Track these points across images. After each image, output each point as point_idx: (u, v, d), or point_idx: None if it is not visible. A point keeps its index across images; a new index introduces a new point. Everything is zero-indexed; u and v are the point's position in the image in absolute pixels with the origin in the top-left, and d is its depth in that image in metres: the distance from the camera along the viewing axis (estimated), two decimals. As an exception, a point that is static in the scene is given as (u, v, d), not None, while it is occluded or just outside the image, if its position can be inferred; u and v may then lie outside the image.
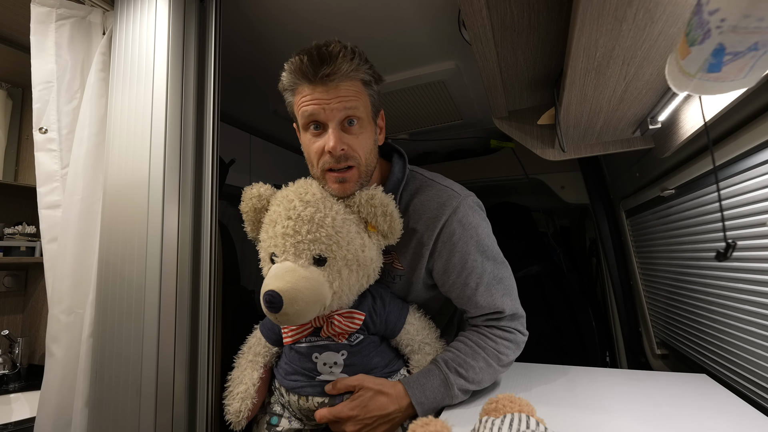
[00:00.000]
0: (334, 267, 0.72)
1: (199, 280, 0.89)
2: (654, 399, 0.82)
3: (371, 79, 0.77)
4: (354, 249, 0.74)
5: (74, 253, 0.94)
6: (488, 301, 0.82)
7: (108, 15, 1.03)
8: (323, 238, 0.71)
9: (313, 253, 0.71)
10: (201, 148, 0.93)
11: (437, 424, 0.62)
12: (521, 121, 1.19)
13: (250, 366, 0.86)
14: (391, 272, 0.86)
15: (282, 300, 0.66)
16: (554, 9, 0.70)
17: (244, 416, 0.82)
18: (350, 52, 0.72)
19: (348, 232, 0.73)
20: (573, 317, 1.94)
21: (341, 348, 0.79)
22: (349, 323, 0.78)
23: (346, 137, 0.73)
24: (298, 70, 0.71)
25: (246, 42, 1.29)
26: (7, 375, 1.44)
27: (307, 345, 0.80)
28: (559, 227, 2.75)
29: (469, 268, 0.80)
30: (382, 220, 0.75)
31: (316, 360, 0.78)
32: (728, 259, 0.63)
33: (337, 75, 0.70)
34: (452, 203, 0.81)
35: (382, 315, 0.82)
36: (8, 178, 1.54)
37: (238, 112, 1.86)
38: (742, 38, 0.36)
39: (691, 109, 0.86)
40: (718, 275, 1.00)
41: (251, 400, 0.83)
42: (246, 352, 0.88)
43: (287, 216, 0.73)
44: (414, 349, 0.83)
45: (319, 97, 0.71)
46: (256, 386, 0.84)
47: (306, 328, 0.80)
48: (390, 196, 0.77)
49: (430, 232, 0.80)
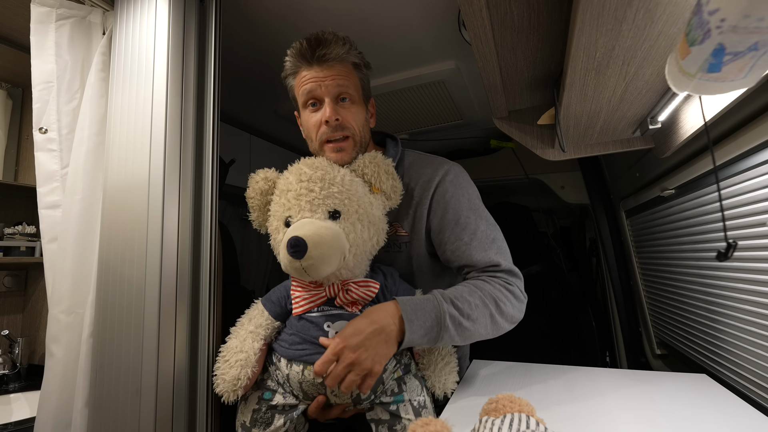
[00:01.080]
0: (348, 220, 0.76)
1: (199, 280, 0.89)
2: (654, 399, 0.82)
3: (360, 63, 0.88)
4: (364, 205, 0.79)
5: (74, 253, 0.94)
6: (482, 256, 0.84)
7: (108, 15, 1.03)
8: (336, 194, 0.76)
9: (327, 207, 0.75)
10: (201, 148, 0.93)
11: (437, 424, 0.62)
12: (521, 121, 1.19)
13: (250, 336, 0.81)
14: (396, 241, 0.90)
15: (306, 244, 0.68)
16: (554, 9, 0.70)
17: (242, 385, 0.77)
18: (342, 39, 0.84)
19: (357, 190, 0.79)
20: (573, 317, 1.94)
21: (353, 316, 0.77)
22: (366, 292, 0.78)
23: (340, 110, 0.83)
24: (298, 53, 0.83)
25: (246, 42, 1.29)
26: (7, 375, 1.44)
27: (320, 314, 0.78)
28: (559, 227, 2.75)
29: (463, 224, 0.85)
30: (385, 178, 0.82)
31: (329, 329, 0.76)
32: (729, 259, 0.63)
33: (330, 56, 0.81)
34: (444, 167, 0.91)
35: (393, 291, 0.84)
36: (8, 178, 1.54)
37: (238, 112, 1.86)
38: (742, 38, 0.36)
39: (691, 109, 0.86)
40: (718, 275, 1.00)
41: (251, 368, 0.78)
42: (246, 323, 0.84)
43: (299, 180, 0.77)
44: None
45: (316, 76, 0.82)
46: (257, 356, 0.80)
47: (320, 297, 0.79)
48: (390, 159, 0.85)
49: (426, 193, 0.87)
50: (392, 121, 1.94)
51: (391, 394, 0.78)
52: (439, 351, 0.84)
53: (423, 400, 0.79)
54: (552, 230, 2.68)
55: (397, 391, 0.78)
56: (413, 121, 1.94)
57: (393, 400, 0.77)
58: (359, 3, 1.13)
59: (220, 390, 0.78)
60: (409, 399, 0.78)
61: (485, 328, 0.79)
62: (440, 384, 0.81)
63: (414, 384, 0.80)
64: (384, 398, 0.78)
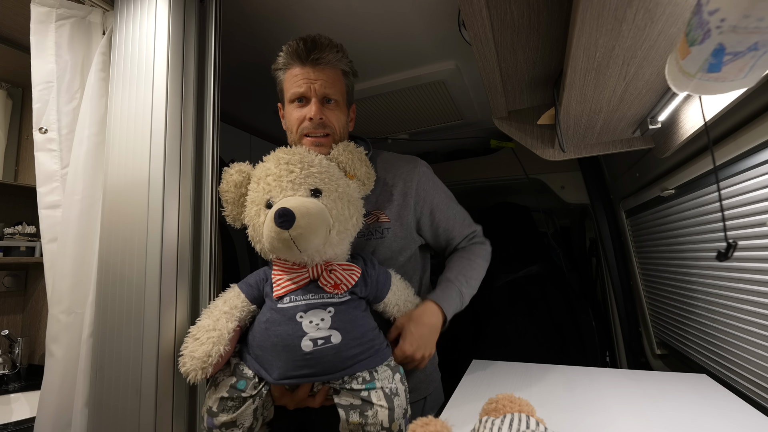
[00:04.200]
0: (329, 197, 0.79)
1: (198, 280, 0.89)
2: (654, 399, 0.82)
3: (349, 71, 0.94)
4: (342, 184, 0.82)
5: (74, 253, 0.94)
6: (466, 229, 1.05)
7: (108, 15, 1.03)
8: (315, 174, 0.79)
9: (309, 186, 0.78)
10: (201, 148, 0.93)
11: (437, 424, 0.62)
12: (521, 121, 1.19)
13: (224, 317, 0.77)
14: (378, 228, 0.96)
15: (294, 214, 0.70)
16: (554, 9, 0.70)
17: (212, 362, 0.73)
18: (336, 46, 0.90)
19: (334, 172, 0.83)
20: (573, 317, 1.94)
21: (328, 305, 0.77)
22: (350, 275, 0.80)
23: (324, 110, 0.89)
24: (294, 51, 0.88)
25: (246, 42, 1.29)
26: (7, 375, 1.44)
27: (292, 305, 0.76)
28: (559, 227, 2.75)
29: (446, 207, 1.03)
30: (359, 164, 0.87)
31: (301, 319, 0.75)
32: (729, 259, 0.63)
33: (323, 60, 0.87)
34: (419, 162, 1.02)
35: (373, 276, 0.86)
36: (8, 178, 1.54)
37: (238, 112, 1.86)
38: (742, 38, 0.36)
39: (691, 109, 0.86)
40: (718, 275, 1.00)
41: (224, 346, 0.74)
42: (220, 304, 0.80)
43: (278, 164, 0.80)
44: (401, 308, 0.90)
45: (307, 77, 0.88)
46: (230, 335, 0.76)
47: (302, 278, 0.78)
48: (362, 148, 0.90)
49: (410, 185, 0.97)
50: (392, 121, 1.94)
51: (363, 382, 0.76)
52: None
53: (395, 387, 0.78)
54: (552, 230, 2.68)
55: (369, 379, 0.77)
56: (413, 121, 1.94)
57: (364, 387, 0.76)
58: (359, 3, 1.13)
59: (186, 369, 0.74)
60: (381, 386, 0.76)
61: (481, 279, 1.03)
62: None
63: (386, 373, 0.79)
64: (354, 385, 0.75)
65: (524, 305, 1.98)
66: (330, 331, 0.75)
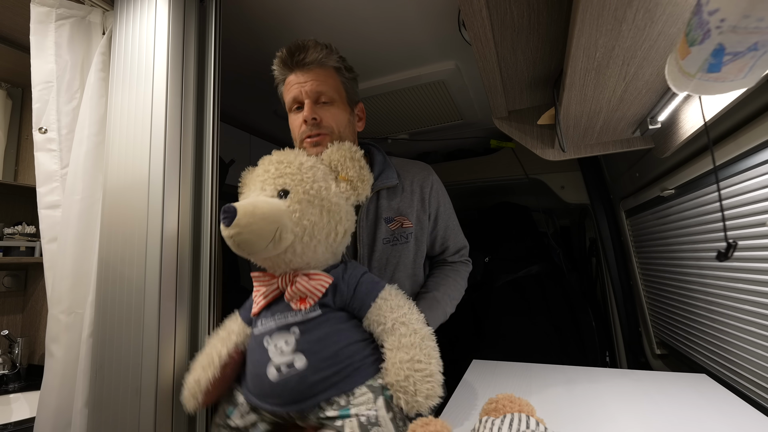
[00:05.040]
0: (295, 199, 0.72)
1: (199, 280, 0.89)
2: (654, 399, 0.82)
3: (341, 66, 0.92)
4: (318, 187, 0.75)
5: (74, 253, 0.94)
6: (459, 240, 1.07)
7: (108, 15, 1.03)
8: (288, 174, 0.75)
9: (277, 187, 0.74)
10: (201, 148, 0.93)
11: (437, 424, 0.62)
12: (521, 121, 1.19)
13: (220, 342, 0.77)
14: (403, 233, 0.95)
15: (236, 210, 0.66)
16: (554, 9, 0.70)
17: (202, 389, 0.72)
18: (321, 45, 0.89)
19: (314, 174, 0.76)
20: (573, 317, 1.94)
21: (291, 326, 0.70)
22: (315, 286, 0.71)
23: (319, 110, 0.88)
24: (281, 61, 0.89)
25: (246, 42, 1.29)
26: (7, 375, 1.44)
27: (261, 329, 0.73)
28: (559, 227, 2.75)
29: (450, 217, 1.06)
30: (351, 164, 0.81)
31: (267, 345, 0.70)
32: (729, 259, 0.63)
33: (308, 60, 0.87)
34: (430, 169, 1.05)
35: (351, 283, 0.74)
36: (8, 178, 1.54)
37: (238, 112, 1.86)
38: (741, 38, 0.36)
39: (691, 109, 0.86)
40: (718, 275, 1.00)
41: (213, 372, 0.72)
42: (220, 330, 0.81)
43: (262, 163, 0.79)
44: (386, 328, 0.71)
45: (298, 81, 0.88)
46: (223, 360, 0.74)
47: (272, 290, 0.74)
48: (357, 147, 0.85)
49: (426, 189, 0.99)
50: (392, 121, 1.94)
51: (337, 408, 0.66)
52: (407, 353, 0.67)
53: (374, 415, 0.65)
54: (552, 230, 2.67)
55: (344, 405, 0.66)
56: (413, 121, 1.94)
57: (338, 415, 0.66)
58: (359, 3, 1.13)
59: (182, 398, 0.75)
60: (356, 413, 0.65)
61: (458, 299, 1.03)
62: (407, 396, 0.64)
63: (365, 396, 0.67)
64: (330, 412, 0.67)
65: (524, 305, 1.98)
66: (293, 355, 0.68)
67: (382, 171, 0.95)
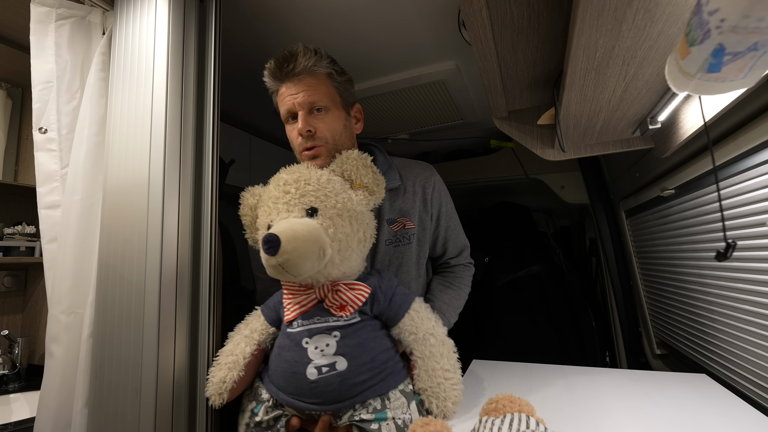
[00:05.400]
0: (325, 215, 0.75)
1: (199, 280, 0.89)
2: (654, 399, 0.82)
3: (332, 71, 0.90)
4: (342, 199, 0.78)
5: (74, 253, 0.93)
6: (461, 241, 1.07)
7: (108, 15, 1.03)
8: (311, 192, 0.76)
9: (303, 206, 0.75)
10: (201, 148, 0.93)
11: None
12: (521, 121, 1.19)
13: (244, 341, 0.81)
14: (405, 234, 0.96)
15: (279, 239, 0.67)
16: (554, 9, 0.70)
17: (227, 388, 0.76)
18: (311, 51, 0.86)
19: (333, 187, 0.78)
20: (573, 317, 1.94)
21: (333, 330, 0.74)
22: (356, 295, 0.76)
23: (313, 121, 0.87)
24: (270, 73, 0.88)
25: (246, 42, 1.29)
26: (7, 375, 1.44)
27: (299, 330, 0.76)
28: (559, 227, 2.75)
29: (452, 218, 1.05)
30: (364, 171, 0.83)
31: (306, 345, 0.74)
32: (728, 259, 0.63)
33: (298, 70, 0.85)
34: (433, 169, 1.04)
35: (388, 294, 0.80)
36: (8, 178, 1.54)
37: (238, 112, 1.85)
38: (741, 38, 0.36)
39: (691, 109, 0.86)
40: (718, 275, 1.00)
41: (238, 372, 0.77)
42: (242, 327, 0.84)
43: (276, 185, 0.79)
44: (418, 338, 0.79)
45: (289, 92, 0.87)
46: (247, 360, 0.79)
47: (310, 300, 0.77)
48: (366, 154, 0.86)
49: (428, 189, 0.99)
50: (392, 121, 1.94)
51: (373, 411, 0.71)
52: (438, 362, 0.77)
53: (409, 418, 0.72)
54: (552, 230, 2.67)
55: (380, 408, 0.72)
56: (413, 121, 1.93)
57: (375, 418, 0.71)
58: (359, 3, 1.13)
59: (208, 393, 0.79)
60: (392, 417, 0.71)
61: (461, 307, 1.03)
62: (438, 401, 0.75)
63: (400, 401, 0.73)
64: (364, 415, 0.71)
65: (524, 305, 1.98)
66: (335, 357, 0.72)
67: (384, 172, 0.94)
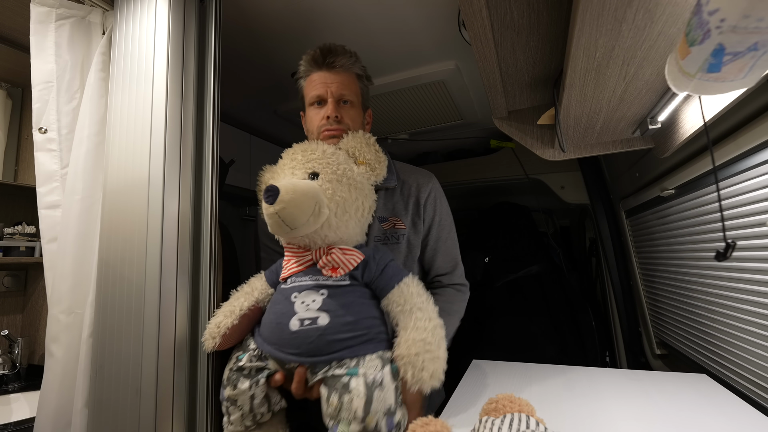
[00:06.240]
0: (326, 178, 0.80)
1: (199, 280, 0.89)
2: (654, 399, 0.82)
3: (363, 75, 1.01)
4: (344, 168, 0.83)
5: (74, 253, 0.94)
6: (454, 254, 1.05)
7: (108, 15, 1.03)
8: (315, 159, 0.82)
9: (307, 170, 0.81)
10: (201, 148, 0.93)
11: (437, 424, 0.62)
12: (521, 121, 1.19)
13: (243, 296, 0.85)
14: (395, 234, 0.98)
15: (278, 189, 0.71)
16: (554, 9, 0.70)
17: (221, 333, 0.79)
18: (350, 52, 0.98)
19: (337, 158, 0.84)
20: (573, 317, 1.94)
21: (321, 287, 0.78)
22: (348, 259, 0.79)
23: (340, 109, 0.96)
24: (312, 58, 0.96)
25: (246, 42, 1.29)
26: (7, 375, 1.44)
27: (290, 286, 0.80)
28: (559, 227, 2.75)
29: (445, 228, 1.04)
30: (368, 149, 0.90)
31: (294, 299, 0.77)
32: (728, 259, 0.63)
33: (337, 64, 0.95)
34: (432, 176, 1.06)
35: (381, 264, 0.81)
36: (8, 178, 1.54)
37: (238, 112, 1.86)
38: (741, 38, 0.36)
39: (691, 109, 0.86)
40: (718, 275, 1.00)
41: (233, 320, 0.80)
42: (244, 286, 0.88)
43: (287, 155, 0.86)
44: (404, 310, 0.77)
45: (324, 80, 0.95)
46: (243, 312, 0.82)
47: (306, 260, 0.81)
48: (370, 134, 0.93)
49: (424, 194, 1.01)
50: (392, 121, 1.94)
51: (346, 368, 0.72)
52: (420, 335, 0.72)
53: (380, 378, 0.70)
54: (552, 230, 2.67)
55: (353, 366, 0.72)
56: (413, 121, 1.94)
57: (346, 372, 0.71)
58: (359, 3, 1.13)
59: (203, 339, 0.82)
60: (363, 372, 0.70)
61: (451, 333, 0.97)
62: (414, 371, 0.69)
63: (374, 362, 0.73)
64: (337, 371, 0.72)
65: (524, 305, 1.98)
66: (318, 312, 0.75)
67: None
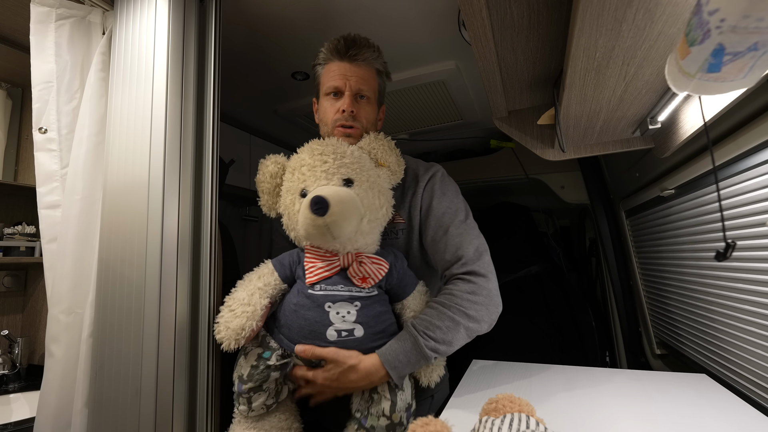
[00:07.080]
0: (361, 187, 0.81)
1: (199, 280, 0.89)
2: (654, 399, 0.82)
3: (383, 71, 0.99)
4: (373, 174, 0.85)
5: (74, 253, 0.93)
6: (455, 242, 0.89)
7: (108, 15, 1.02)
8: (348, 164, 0.82)
9: (341, 176, 0.81)
10: (201, 148, 0.93)
11: (437, 424, 0.62)
12: (521, 121, 1.19)
13: (258, 292, 0.82)
14: (393, 228, 0.97)
15: (328, 201, 0.73)
16: (554, 9, 0.70)
17: (245, 336, 0.79)
18: (373, 46, 0.96)
19: (365, 162, 0.86)
20: (573, 317, 1.94)
21: (355, 299, 0.80)
22: (377, 269, 0.82)
23: (356, 105, 0.94)
24: (334, 48, 0.93)
25: (246, 42, 1.29)
26: (7, 375, 1.44)
27: (322, 293, 0.80)
28: (559, 227, 2.75)
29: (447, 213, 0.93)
30: (389, 153, 0.91)
31: (329, 309, 0.79)
32: (728, 259, 0.63)
33: (360, 57, 0.93)
34: (436, 166, 1.02)
35: (401, 272, 0.87)
36: (8, 178, 1.54)
37: (238, 112, 1.86)
38: (741, 38, 0.36)
39: (691, 109, 0.86)
40: (718, 275, 1.00)
41: (256, 322, 0.80)
42: (255, 279, 0.84)
43: (312, 155, 0.84)
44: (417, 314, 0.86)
45: (344, 72, 0.93)
46: (262, 312, 0.81)
47: (334, 266, 0.81)
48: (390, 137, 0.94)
49: (421, 184, 0.97)
50: (392, 121, 1.94)
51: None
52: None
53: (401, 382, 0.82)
54: (552, 230, 2.68)
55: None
56: (413, 121, 1.94)
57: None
58: (359, 3, 1.13)
59: (221, 336, 0.79)
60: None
61: (463, 339, 0.84)
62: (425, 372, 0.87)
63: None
64: None
65: (524, 305, 1.98)
66: (354, 325, 0.79)
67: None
